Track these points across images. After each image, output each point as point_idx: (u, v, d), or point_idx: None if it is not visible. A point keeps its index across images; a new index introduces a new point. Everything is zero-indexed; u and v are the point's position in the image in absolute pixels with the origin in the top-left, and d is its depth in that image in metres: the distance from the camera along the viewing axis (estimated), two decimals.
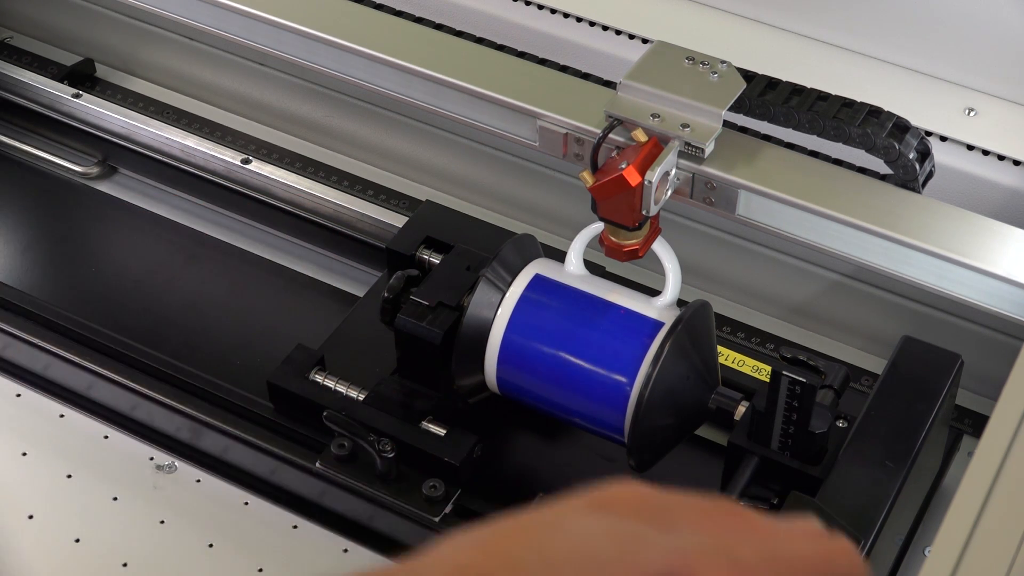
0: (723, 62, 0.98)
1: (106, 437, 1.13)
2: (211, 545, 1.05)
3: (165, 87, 1.46)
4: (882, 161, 0.96)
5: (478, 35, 1.09)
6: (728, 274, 1.24)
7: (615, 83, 0.99)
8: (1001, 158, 1.12)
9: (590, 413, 0.99)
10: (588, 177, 0.95)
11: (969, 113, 1.14)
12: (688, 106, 0.96)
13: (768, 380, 0.93)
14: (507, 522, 0.52)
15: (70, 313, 1.17)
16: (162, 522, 1.07)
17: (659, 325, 0.97)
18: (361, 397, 1.06)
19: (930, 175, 0.97)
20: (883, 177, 0.97)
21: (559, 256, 1.03)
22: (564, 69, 1.06)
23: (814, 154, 0.99)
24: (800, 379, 0.91)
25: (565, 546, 0.51)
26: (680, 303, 0.99)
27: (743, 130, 1.01)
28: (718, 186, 0.97)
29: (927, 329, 1.15)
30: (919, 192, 0.96)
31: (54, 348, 1.14)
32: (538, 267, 1.01)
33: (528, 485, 1.07)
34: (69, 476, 1.10)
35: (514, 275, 1.01)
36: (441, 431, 1.03)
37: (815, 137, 0.97)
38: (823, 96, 0.98)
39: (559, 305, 0.99)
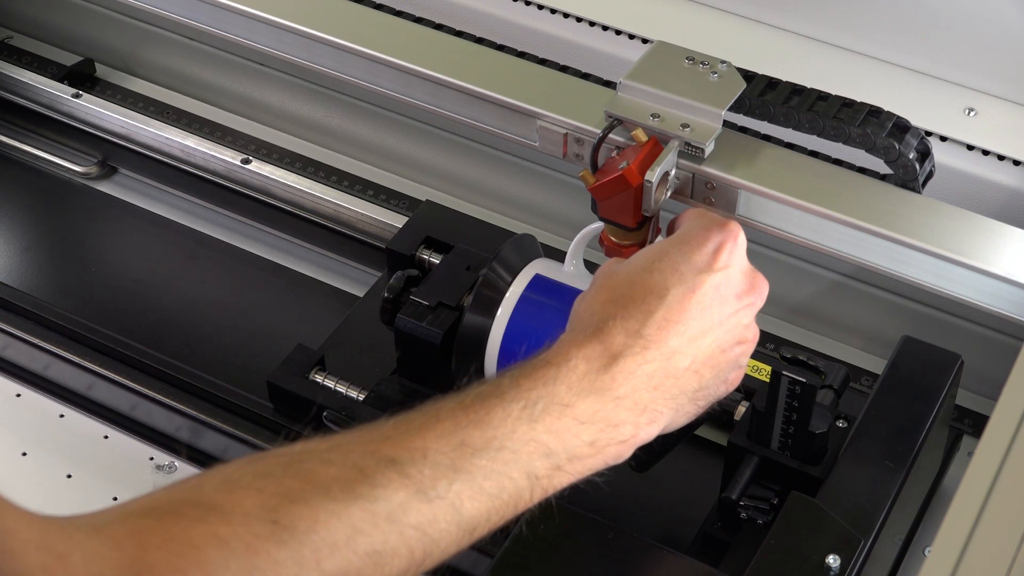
0: (723, 62, 0.98)
1: (106, 437, 1.12)
2: None
3: (165, 87, 1.46)
4: (882, 161, 0.96)
5: (478, 35, 1.09)
6: None
7: (615, 83, 0.99)
8: (1001, 158, 1.12)
9: None
10: (588, 177, 0.95)
11: (969, 113, 1.14)
12: (688, 106, 0.96)
13: (768, 380, 0.93)
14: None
15: (70, 313, 1.17)
16: None
17: None
18: (361, 397, 1.06)
19: (930, 175, 0.97)
20: (883, 177, 0.97)
21: (559, 256, 1.03)
22: (564, 69, 1.06)
23: (814, 154, 0.99)
24: (800, 379, 0.91)
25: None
26: None
27: (743, 130, 1.01)
28: (718, 186, 0.97)
29: (927, 329, 1.15)
30: (919, 192, 0.96)
31: (54, 348, 1.14)
32: (538, 267, 1.01)
33: None
34: (69, 476, 1.09)
35: (514, 275, 1.01)
36: None
37: (815, 137, 0.97)
38: (823, 96, 0.97)
39: (559, 305, 0.99)
